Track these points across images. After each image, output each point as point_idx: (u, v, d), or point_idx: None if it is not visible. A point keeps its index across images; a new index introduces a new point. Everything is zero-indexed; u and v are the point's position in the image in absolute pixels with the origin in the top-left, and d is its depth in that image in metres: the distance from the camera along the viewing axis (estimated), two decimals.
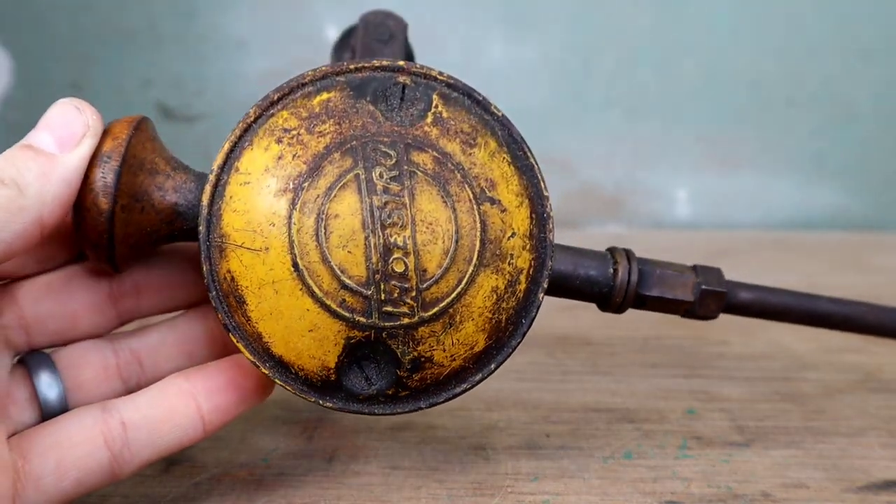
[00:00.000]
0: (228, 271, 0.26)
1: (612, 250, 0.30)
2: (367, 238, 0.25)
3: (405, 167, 0.26)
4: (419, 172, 0.26)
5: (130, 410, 0.25)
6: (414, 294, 0.25)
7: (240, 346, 0.26)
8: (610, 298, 0.30)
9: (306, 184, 0.25)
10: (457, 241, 0.26)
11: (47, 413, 0.26)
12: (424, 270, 0.25)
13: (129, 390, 0.28)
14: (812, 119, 0.71)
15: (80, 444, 0.24)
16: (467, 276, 0.26)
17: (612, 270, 0.30)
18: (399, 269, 0.25)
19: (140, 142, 0.26)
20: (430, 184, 0.26)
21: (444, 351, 0.26)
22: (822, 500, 0.30)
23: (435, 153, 0.26)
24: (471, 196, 0.26)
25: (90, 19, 0.68)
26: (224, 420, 0.27)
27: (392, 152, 0.26)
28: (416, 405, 0.27)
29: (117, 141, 0.25)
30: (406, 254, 0.25)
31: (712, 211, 0.73)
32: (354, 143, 0.26)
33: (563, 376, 0.40)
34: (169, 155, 0.28)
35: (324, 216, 0.25)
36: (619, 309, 0.30)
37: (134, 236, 0.26)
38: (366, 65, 0.27)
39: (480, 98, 0.28)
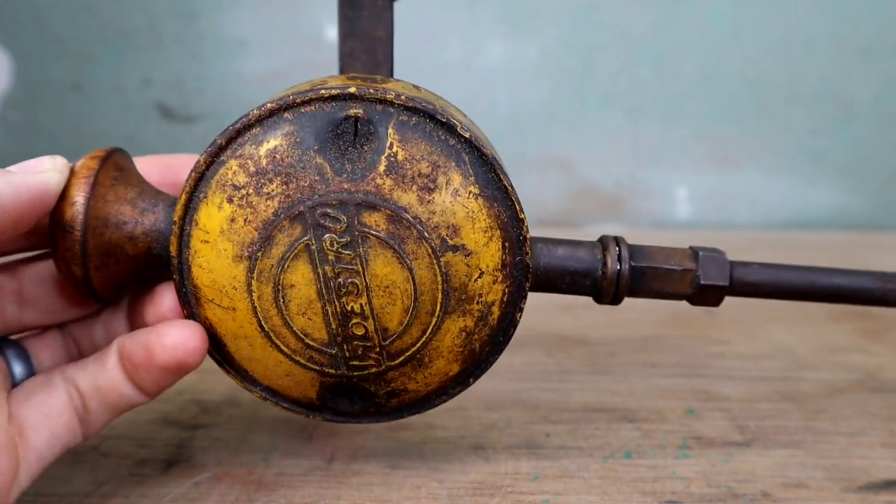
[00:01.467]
0: (206, 318, 0.27)
1: (602, 240, 0.29)
2: (323, 307, 0.26)
3: (356, 231, 0.25)
4: (371, 236, 0.25)
5: (81, 378, 0.26)
6: (377, 350, 0.26)
7: (229, 376, 0.28)
8: (601, 294, 0.29)
9: (260, 252, 0.25)
10: (416, 299, 0.26)
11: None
12: (385, 329, 0.26)
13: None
14: (812, 118, 0.71)
15: (62, 413, 0.26)
16: (431, 326, 0.26)
17: (601, 266, 0.28)
18: (359, 332, 0.26)
19: (101, 196, 0.26)
20: (383, 246, 0.25)
21: (418, 382, 0.28)
22: (822, 500, 0.30)
23: (388, 210, 0.25)
24: (430, 251, 0.25)
25: (90, 19, 0.68)
26: (163, 387, 0.27)
27: (342, 216, 0.25)
28: (400, 415, 0.29)
29: (75, 207, 0.25)
30: (364, 318, 0.26)
31: (712, 210, 0.73)
32: (302, 208, 0.25)
33: (562, 376, 0.40)
34: (135, 191, 0.27)
35: (280, 286, 0.25)
36: (613, 301, 0.29)
37: (115, 282, 0.27)
38: (314, 97, 0.25)
39: (444, 120, 0.25)
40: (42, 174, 0.25)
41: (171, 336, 0.26)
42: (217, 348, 0.27)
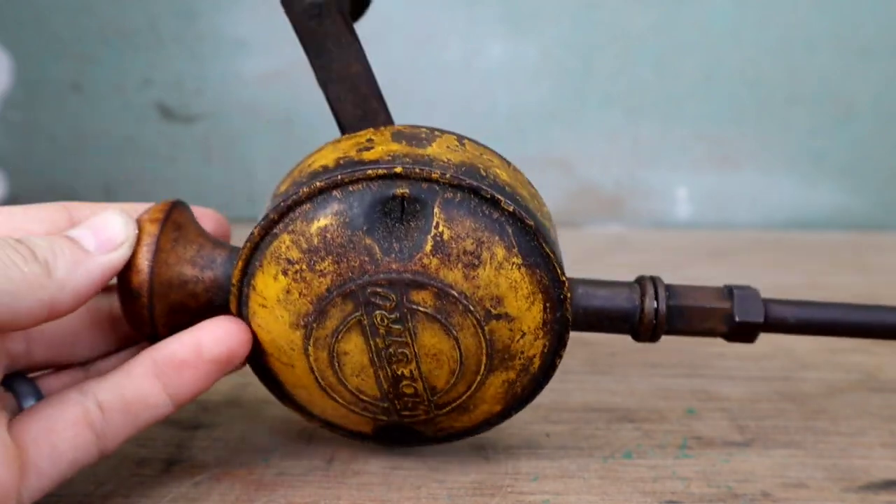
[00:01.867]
0: (267, 364, 0.29)
1: (640, 281, 0.30)
2: (375, 372, 0.27)
3: (405, 308, 0.26)
4: (419, 311, 0.26)
5: (104, 391, 0.26)
6: (426, 403, 0.28)
7: (289, 408, 0.30)
8: (639, 333, 0.30)
9: (315, 323, 0.26)
10: (462, 363, 0.27)
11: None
12: (433, 388, 0.28)
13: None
14: (812, 118, 0.71)
15: (68, 428, 0.25)
16: (476, 382, 0.28)
17: (639, 307, 0.29)
18: (409, 391, 0.28)
19: (163, 261, 0.27)
20: (431, 320, 0.26)
21: (463, 422, 0.30)
22: (822, 500, 0.30)
23: (435, 287, 0.26)
24: (475, 322, 0.26)
25: (90, 19, 0.68)
26: (191, 395, 0.27)
27: (392, 295, 0.26)
28: (448, 441, 0.31)
29: (141, 275, 0.27)
30: (413, 380, 0.27)
31: (712, 210, 0.73)
32: (353, 286, 0.26)
33: (562, 376, 0.40)
34: (194, 248, 0.28)
35: (335, 353, 0.27)
36: (651, 339, 0.30)
37: (177, 329, 0.28)
38: (361, 176, 0.26)
39: (488, 195, 0.26)
40: (115, 253, 0.25)
41: (220, 329, 0.27)
42: (278, 389, 0.30)
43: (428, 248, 0.26)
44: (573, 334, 0.29)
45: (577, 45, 0.70)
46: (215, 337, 0.27)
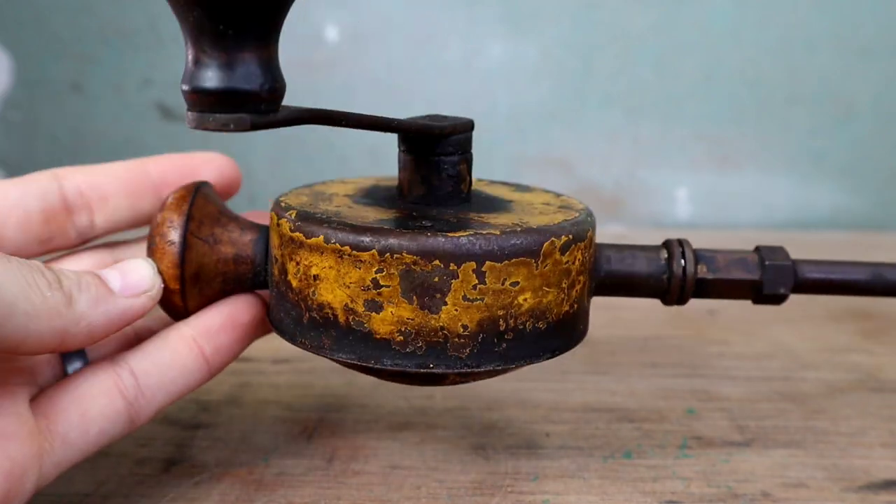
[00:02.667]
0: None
1: (666, 243, 0.30)
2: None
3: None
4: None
5: (138, 359, 0.27)
6: None
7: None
8: (669, 289, 0.30)
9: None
10: None
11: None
12: None
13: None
14: (812, 118, 0.71)
15: (98, 397, 0.26)
16: None
17: (667, 271, 0.29)
18: None
19: (193, 257, 0.28)
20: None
21: None
22: (822, 500, 0.30)
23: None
24: None
25: (90, 19, 0.68)
26: (226, 359, 0.28)
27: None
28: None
29: (173, 270, 0.27)
30: None
31: (712, 210, 0.73)
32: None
33: (562, 376, 0.40)
34: (224, 232, 0.29)
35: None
36: (680, 299, 0.30)
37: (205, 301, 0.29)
38: (371, 366, 0.26)
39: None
40: (138, 300, 0.26)
41: (249, 298, 0.29)
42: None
43: None
44: None
45: (577, 45, 0.70)
46: (247, 303, 0.29)
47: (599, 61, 0.70)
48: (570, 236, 0.26)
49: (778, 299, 0.31)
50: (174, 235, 0.27)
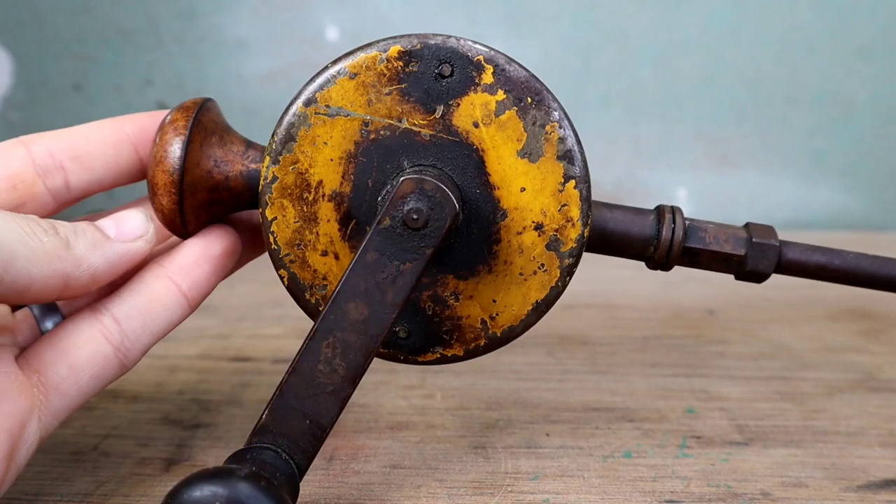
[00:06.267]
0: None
1: (659, 207, 0.31)
2: None
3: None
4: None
5: (117, 304, 0.27)
6: None
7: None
8: (653, 260, 0.30)
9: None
10: None
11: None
12: None
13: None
14: (811, 117, 0.71)
15: (83, 346, 0.26)
16: None
17: (656, 234, 0.30)
18: None
19: (194, 161, 0.27)
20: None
21: None
22: (821, 500, 0.30)
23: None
24: None
25: (90, 19, 0.69)
26: (204, 292, 0.29)
27: None
28: None
29: (172, 174, 0.27)
30: None
31: (712, 210, 0.73)
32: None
33: (562, 375, 0.40)
34: (226, 144, 0.28)
35: None
36: (665, 265, 0.30)
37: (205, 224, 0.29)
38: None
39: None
40: (134, 244, 0.26)
41: (220, 229, 0.29)
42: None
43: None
44: (574, 334, 0.29)
45: (577, 45, 0.70)
46: (218, 235, 0.29)
47: (599, 61, 0.70)
48: None
49: (759, 277, 0.31)
50: (177, 145, 0.27)
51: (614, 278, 0.56)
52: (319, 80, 0.27)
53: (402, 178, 0.25)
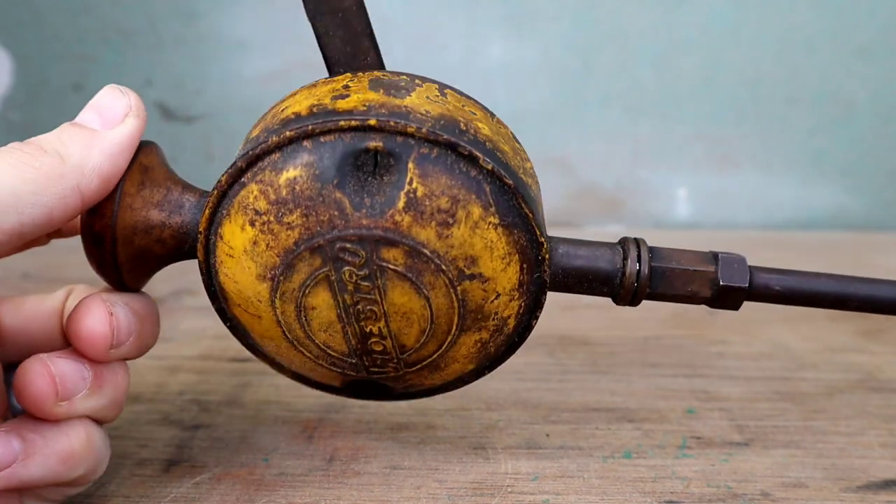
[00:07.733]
0: (235, 315, 0.28)
1: (623, 242, 0.29)
2: (343, 328, 0.26)
3: (374, 266, 0.25)
4: (389, 269, 0.25)
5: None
6: (395, 361, 0.27)
7: (259, 359, 0.29)
8: (619, 295, 0.28)
9: (282, 277, 0.25)
10: (433, 322, 0.26)
11: None
12: (402, 346, 0.27)
13: None
14: (811, 117, 0.71)
15: None
16: (447, 342, 0.27)
17: (620, 270, 0.28)
18: (378, 349, 0.27)
19: (127, 206, 0.26)
20: (401, 278, 0.25)
21: (434, 380, 0.29)
22: (821, 500, 0.30)
23: (407, 245, 0.25)
24: (447, 281, 0.25)
25: (90, 19, 0.69)
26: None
27: (361, 251, 0.25)
28: (417, 398, 0.31)
29: (104, 220, 0.25)
30: (382, 337, 0.27)
31: (712, 210, 0.74)
32: (322, 241, 0.25)
33: (562, 376, 0.40)
34: (161, 192, 0.27)
35: (302, 307, 0.26)
36: (632, 303, 0.29)
37: (145, 276, 0.28)
38: (332, 127, 0.24)
39: (466, 152, 0.25)
40: (123, 125, 0.25)
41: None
42: (246, 340, 0.29)
43: (400, 204, 0.24)
44: (574, 335, 0.29)
45: (577, 45, 0.70)
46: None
47: (599, 61, 0.70)
48: None
49: (735, 296, 0.29)
50: (106, 212, 0.26)
51: None
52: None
53: None
